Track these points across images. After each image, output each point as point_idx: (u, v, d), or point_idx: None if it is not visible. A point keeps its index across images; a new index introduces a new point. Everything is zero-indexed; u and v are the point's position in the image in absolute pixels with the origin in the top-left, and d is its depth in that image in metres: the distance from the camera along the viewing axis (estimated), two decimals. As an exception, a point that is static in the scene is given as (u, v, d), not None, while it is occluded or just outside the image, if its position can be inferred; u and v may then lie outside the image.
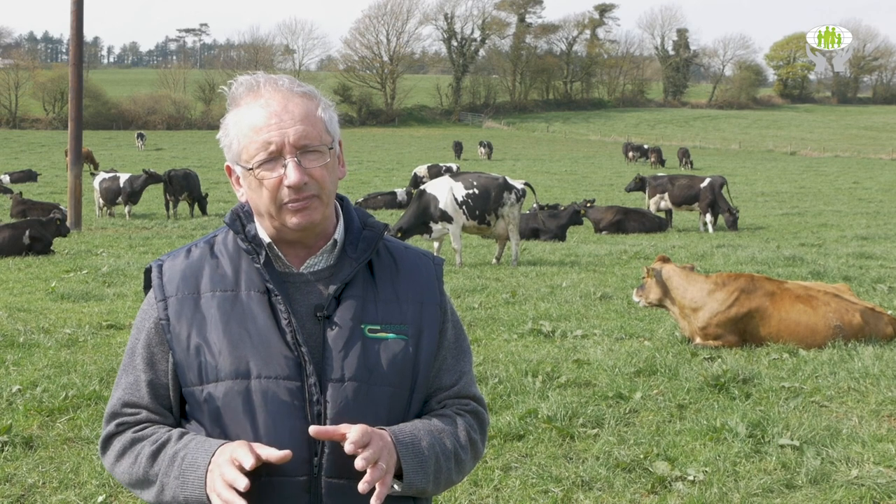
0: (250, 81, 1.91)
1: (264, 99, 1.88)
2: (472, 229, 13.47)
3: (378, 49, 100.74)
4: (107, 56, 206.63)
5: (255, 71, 1.98)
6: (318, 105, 1.92)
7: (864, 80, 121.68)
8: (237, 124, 1.90)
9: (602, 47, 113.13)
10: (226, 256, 1.97)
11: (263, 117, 1.86)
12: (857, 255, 13.94)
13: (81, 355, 7.26)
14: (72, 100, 19.38)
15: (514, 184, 13.48)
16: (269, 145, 1.85)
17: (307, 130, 1.86)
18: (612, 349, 7.48)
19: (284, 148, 1.84)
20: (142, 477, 1.87)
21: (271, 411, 1.83)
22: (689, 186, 19.77)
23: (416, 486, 1.86)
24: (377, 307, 1.95)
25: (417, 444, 1.87)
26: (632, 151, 50.67)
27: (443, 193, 13.08)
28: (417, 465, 1.85)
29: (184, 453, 1.82)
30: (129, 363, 1.97)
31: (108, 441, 1.95)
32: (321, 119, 1.91)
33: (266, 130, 1.85)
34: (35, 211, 19.48)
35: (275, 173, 1.85)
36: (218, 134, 1.96)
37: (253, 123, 1.87)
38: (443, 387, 2.03)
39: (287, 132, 1.85)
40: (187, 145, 57.33)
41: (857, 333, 7.54)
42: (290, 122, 1.85)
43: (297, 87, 1.90)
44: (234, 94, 1.92)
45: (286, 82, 1.90)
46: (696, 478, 4.68)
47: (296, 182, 1.83)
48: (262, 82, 1.90)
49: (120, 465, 1.92)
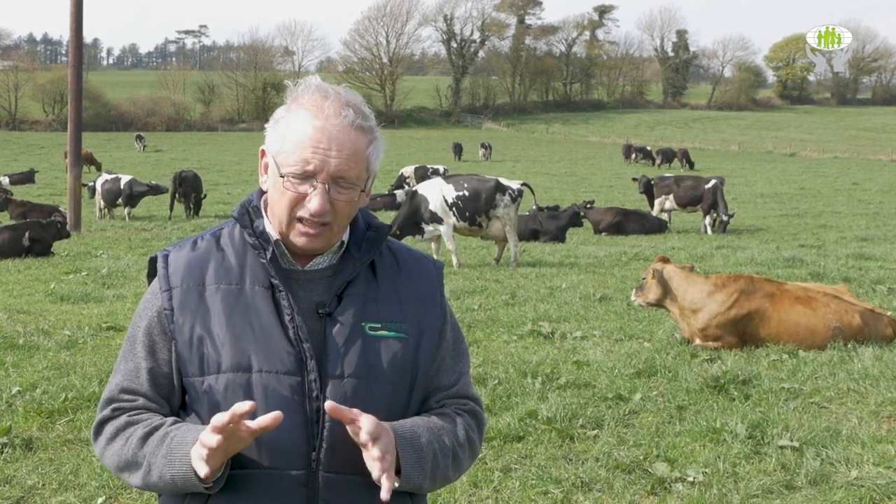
0: (322, 89, 1.91)
1: (324, 119, 1.86)
2: (465, 231, 13.46)
3: (377, 50, 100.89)
4: (106, 58, 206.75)
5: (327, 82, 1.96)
6: (371, 142, 1.93)
7: (863, 82, 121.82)
8: (290, 126, 1.89)
9: (601, 49, 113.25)
10: (231, 250, 1.99)
11: (314, 138, 1.85)
12: (857, 257, 13.95)
13: (81, 357, 7.26)
14: (71, 101, 19.38)
15: (509, 185, 13.40)
16: (307, 164, 1.86)
17: (349, 166, 1.87)
18: (611, 350, 7.49)
19: (320, 174, 1.86)
20: (130, 459, 1.87)
21: (271, 405, 1.83)
22: (694, 188, 19.78)
23: (414, 482, 1.87)
24: (378, 306, 1.96)
25: (417, 439, 1.88)
26: (635, 153, 50.64)
27: (433, 195, 13.11)
28: (416, 461, 1.86)
29: (174, 433, 1.84)
30: (130, 350, 1.98)
31: (101, 426, 1.95)
32: (367, 158, 1.92)
33: (311, 150, 1.85)
34: (35, 213, 19.47)
35: (301, 189, 1.87)
36: (268, 122, 1.96)
37: (302, 138, 1.86)
38: (441, 387, 2.04)
39: (329, 162, 1.85)
40: (187, 147, 57.34)
41: (856, 334, 7.54)
42: (336, 154, 1.86)
43: (358, 121, 1.89)
44: (299, 92, 1.92)
45: (351, 115, 1.88)
46: (695, 479, 4.69)
47: (317, 210, 1.86)
48: (331, 99, 1.89)
49: (110, 449, 1.92)
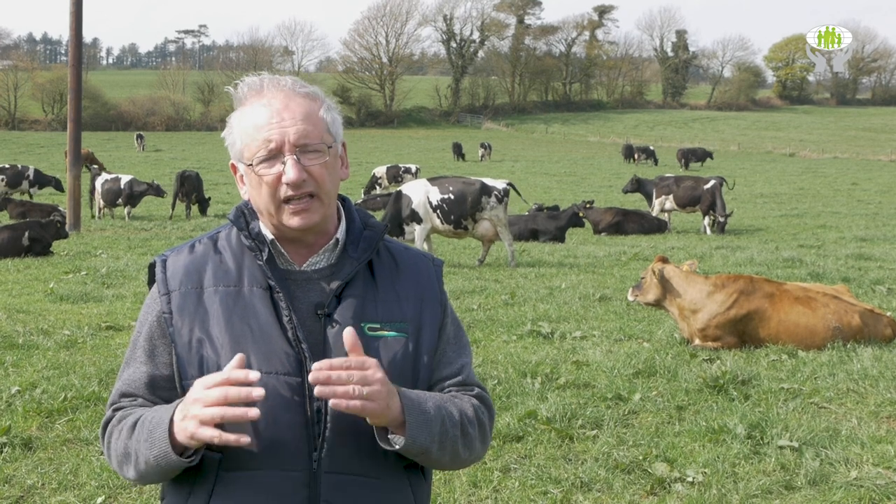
0: (254, 82, 1.95)
1: (267, 98, 1.92)
2: (449, 234, 13.41)
3: (377, 50, 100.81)
4: (106, 57, 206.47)
5: (260, 72, 2.01)
6: (321, 106, 1.96)
7: (862, 82, 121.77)
8: (240, 123, 1.94)
9: (601, 49, 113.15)
10: (229, 252, 2.00)
11: (265, 116, 1.90)
12: (856, 257, 13.96)
13: (80, 356, 7.26)
14: (71, 101, 19.35)
15: (494, 185, 13.28)
16: (269, 143, 1.88)
17: (307, 129, 1.90)
18: (611, 350, 7.49)
19: (284, 146, 1.88)
20: (122, 451, 1.88)
21: (271, 406, 1.83)
22: (694, 188, 19.78)
23: (420, 443, 1.84)
24: (377, 306, 1.97)
25: (423, 403, 1.87)
26: (637, 153, 50.53)
27: (417, 195, 13.10)
28: (422, 423, 1.85)
29: (150, 415, 1.84)
30: (132, 355, 2.00)
31: (106, 426, 1.97)
32: (323, 119, 1.94)
33: (267, 129, 1.89)
34: (34, 212, 19.46)
35: (274, 170, 1.89)
36: (223, 132, 2.01)
37: (255, 122, 1.91)
38: (444, 377, 2.04)
39: (287, 131, 1.88)
40: (186, 146, 57.30)
41: (856, 335, 7.54)
42: (290, 122, 1.89)
43: (300, 88, 1.95)
44: (239, 95, 1.97)
45: (289, 83, 1.94)
46: (695, 479, 4.69)
47: (294, 179, 1.87)
48: (266, 82, 1.94)
49: (110, 448, 1.93)
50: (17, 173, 25.64)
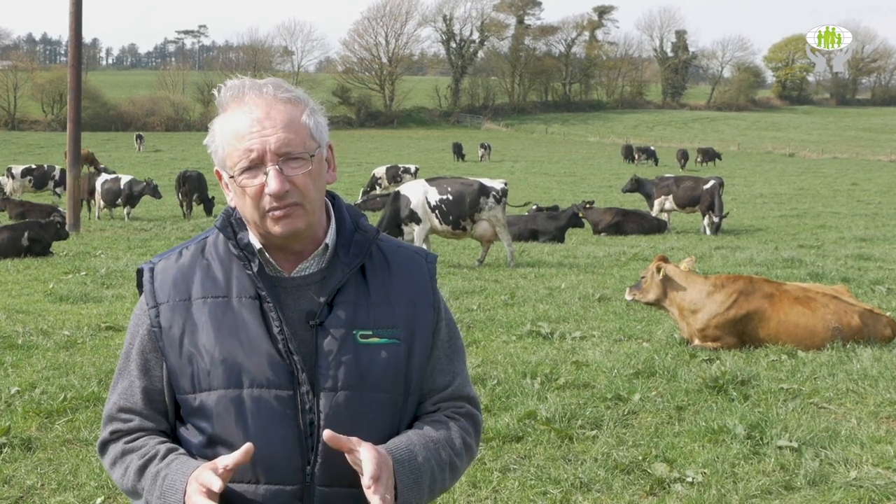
0: (235, 87, 1.90)
1: (248, 106, 1.86)
2: (447, 234, 13.40)
3: (377, 50, 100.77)
4: (105, 58, 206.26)
5: (243, 75, 1.96)
6: (304, 111, 1.90)
7: (862, 82, 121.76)
8: (222, 130, 1.90)
9: (601, 49, 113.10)
10: (217, 260, 1.96)
11: (246, 125, 1.85)
12: (856, 257, 13.96)
13: (80, 357, 7.26)
14: (71, 101, 19.35)
15: (492, 185, 13.29)
16: (250, 153, 1.84)
17: (289, 138, 1.84)
18: (610, 351, 7.49)
19: (266, 155, 1.83)
20: (130, 489, 1.90)
21: (263, 420, 1.83)
22: (693, 188, 19.78)
23: (411, 503, 1.86)
24: (369, 312, 1.93)
25: (413, 460, 1.87)
26: (638, 153, 50.51)
27: (416, 196, 13.09)
28: (413, 483, 1.85)
29: (164, 473, 1.84)
30: (125, 367, 1.98)
31: (104, 446, 1.99)
32: (305, 125, 1.88)
33: (248, 138, 1.84)
34: (34, 212, 19.46)
35: (256, 181, 1.84)
36: (206, 139, 1.96)
37: (236, 131, 1.86)
38: (437, 388, 2.02)
39: (268, 140, 1.83)
40: (186, 147, 57.23)
41: (855, 335, 7.54)
42: (271, 130, 1.83)
43: (281, 94, 1.88)
44: (221, 100, 1.91)
45: (270, 89, 1.87)
46: (694, 479, 4.69)
47: (276, 190, 1.82)
48: (247, 88, 1.88)
49: (114, 473, 1.96)
50: (44, 174, 25.80)
